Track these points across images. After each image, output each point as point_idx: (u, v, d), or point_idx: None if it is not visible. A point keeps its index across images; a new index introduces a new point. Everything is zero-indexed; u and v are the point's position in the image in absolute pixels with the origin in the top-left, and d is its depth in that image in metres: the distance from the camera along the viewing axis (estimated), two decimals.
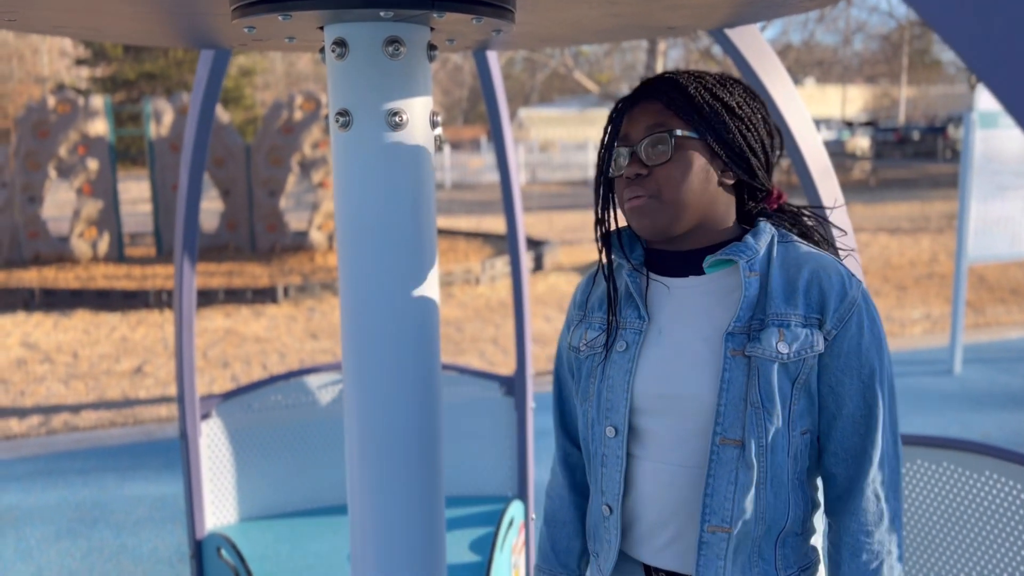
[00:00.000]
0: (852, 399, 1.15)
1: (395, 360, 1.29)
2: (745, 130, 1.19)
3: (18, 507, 4.17)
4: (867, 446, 1.16)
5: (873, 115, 45.92)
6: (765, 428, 1.13)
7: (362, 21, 1.19)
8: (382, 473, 1.32)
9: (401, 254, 1.27)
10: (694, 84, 1.18)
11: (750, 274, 1.16)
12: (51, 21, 1.37)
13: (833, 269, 1.16)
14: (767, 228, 1.20)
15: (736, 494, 1.14)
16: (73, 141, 10.76)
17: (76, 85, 33.51)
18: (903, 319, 7.96)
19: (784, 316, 1.14)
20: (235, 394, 2.63)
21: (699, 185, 1.18)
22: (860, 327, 1.15)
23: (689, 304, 1.21)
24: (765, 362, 1.12)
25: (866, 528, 1.16)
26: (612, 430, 1.22)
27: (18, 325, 8.31)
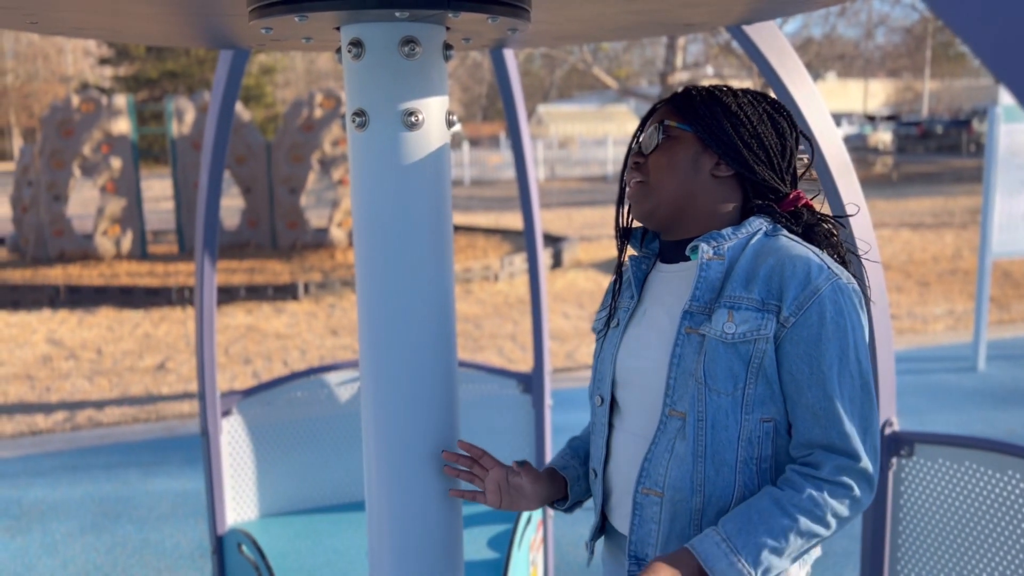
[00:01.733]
0: (810, 389, 1.15)
1: (412, 357, 1.30)
2: (737, 124, 1.24)
3: (44, 501, 4.23)
4: (821, 437, 1.15)
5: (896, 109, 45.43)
6: (705, 404, 1.17)
7: (378, 21, 1.20)
8: (400, 470, 1.32)
9: (418, 253, 1.28)
10: (700, 90, 1.29)
11: (711, 257, 1.21)
12: (72, 23, 1.38)
13: (803, 258, 1.17)
14: (756, 221, 1.24)
15: (670, 462, 1.20)
16: (97, 140, 10.87)
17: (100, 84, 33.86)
18: (926, 315, 7.88)
19: (737, 299, 1.18)
20: (255, 391, 2.66)
21: (685, 173, 1.26)
22: (821, 317, 1.14)
23: (671, 286, 1.29)
24: (712, 340, 1.17)
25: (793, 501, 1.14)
26: (599, 399, 1.34)
27: (44, 322, 8.42)
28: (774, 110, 1.28)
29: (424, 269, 1.29)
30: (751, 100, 1.27)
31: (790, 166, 1.28)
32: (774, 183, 1.26)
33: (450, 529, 1.37)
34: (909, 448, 1.98)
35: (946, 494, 1.92)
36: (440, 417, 1.34)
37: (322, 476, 2.77)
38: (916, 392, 5.56)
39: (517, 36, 1.49)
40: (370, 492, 1.36)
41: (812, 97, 1.84)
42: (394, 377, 1.31)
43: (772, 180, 1.26)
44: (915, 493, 1.98)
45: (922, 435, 1.97)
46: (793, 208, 1.28)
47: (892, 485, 2.01)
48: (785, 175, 1.28)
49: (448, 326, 1.34)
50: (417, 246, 1.28)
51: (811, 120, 1.84)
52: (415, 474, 1.33)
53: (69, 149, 10.69)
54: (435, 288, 1.31)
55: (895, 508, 2.02)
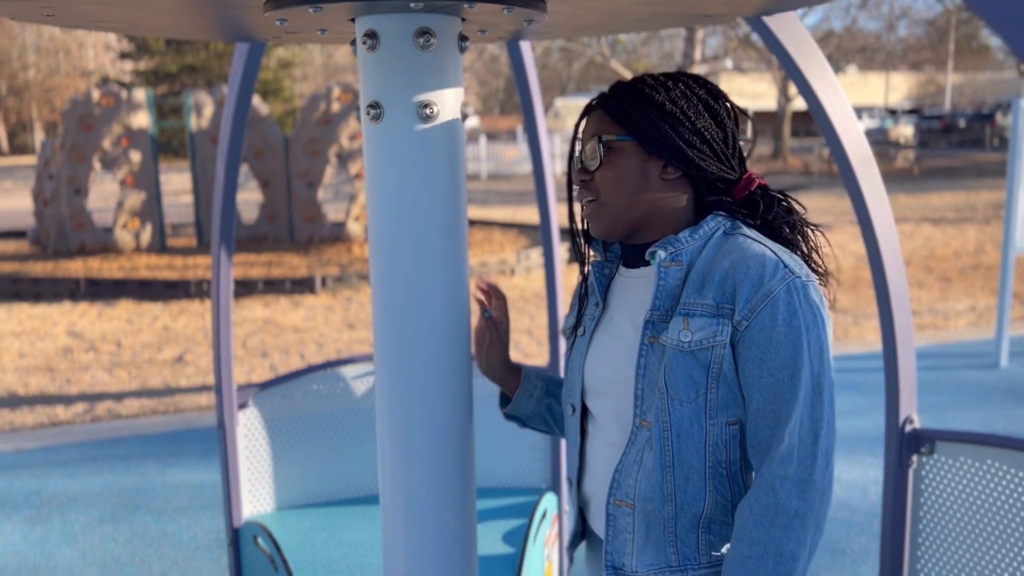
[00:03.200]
0: (760, 391, 1.15)
1: (427, 351, 1.29)
2: (676, 124, 1.22)
3: (64, 492, 4.27)
4: (772, 439, 1.14)
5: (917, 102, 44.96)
6: (669, 414, 1.17)
7: (393, 12, 1.19)
8: (414, 464, 1.32)
9: (433, 246, 1.27)
10: (627, 89, 1.25)
11: (669, 264, 1.20)
12: (89, 15, 1.38)
13: (756, 261, 1.15)
14: (712, 222, 1.23)
15: (639, 473, 1.21)
16: (117, 133, 10.95)
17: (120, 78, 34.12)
18: (947, 311, 7.79)
19: (692, 306, 1.17)
20: (272, 384, 2.66)
21: (634, 184, 1.23)
22: (773, 319, 1.13)
23: (634, 293, 1.28)
24: (671, 350, 1.17)
25: (755, 518, 1.13)
26: (571, 408, 1.34)
27: (64, 314, 8.50)
28: (708, 94, 1.25)
29: (439, 262, 1.28)
30: (684, 91, 1.24)
31: (735, 151, 1.26)
32: (723, 173, 1.24)
33: (464, 523, 1.37)
34: (930, 446, 1.95)
35: (967, 493, 1.90)
36: (455, 410, 1.33)
37: (337, 469, 2.77)
38: (937, 389, 5.50)
39: (533, 27, 1.48)
40: (385, 486, 1.36)
41: (833, 90, 1.81)
42: (409, 371, 1.30)
43: (721, 171, 1.24)
44: (936, 491, 1.96)
45: (943, 433, 1.94)
46: (746, 193, 1.26)
47: (912, 483, 1.99)
48: (732, 161, 1.26)
49: (463, 320, 1.33)
50: (432, 238, 1.27)
51: (832, 114, 1.82)
52: (430, 468, 1.32)
53: (89, 143, 10.78)
54: (450, 281, 1.30)
55: (915, 506, 1.99)
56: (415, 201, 1.25)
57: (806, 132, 38.76)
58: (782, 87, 26.34)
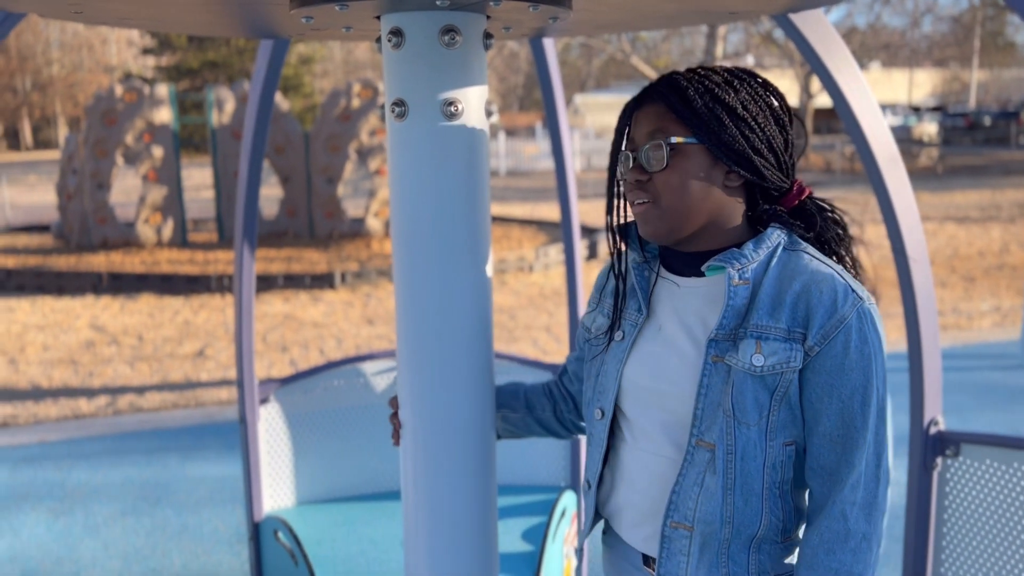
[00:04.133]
0: (830, 418, 1.14)
1: (449, 348, 1.29)
2: (748, 131, 1.17)
3: (87, 484, 4.32)
4: (841, 466, 1.15)
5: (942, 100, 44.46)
6: (735, 436, 1.15)
7: (419, 10, 1.19)
8: (435, 460, 1.32)
9: (455, 243, 1.27)
10: (695, 86, 1.17)
11: (738, 282, 1.17)
12: (116, 12, 1.39)
13: (828, 284, 1.14)
14: (774, 234, 1.20)
15: (700, 496, 1.18)
16: (139, 129, 11.04)
17: (143, 74, 34.38)
18: (971, 311, 7.71)
19: (764, 329, 1.14)
20: (292, 380, 2.68)
21: (699, 191, 1.18)
22: (846, 346, 1.13)
23: (687, 304, 1.23)
24: (740, 372, 1.14)
25: (827, 545, 1.14)
26: (599, 412, 1.30)
27: (87, 308, 8.59)
28: (773, 96, 1.21)
29: (462, 259, 1.28)
30: (752, 93, 1.19)
31: (790, 157, 1.23)
32: (781, 183, 1.22)
33: (485, 521, 1.37)
34: (955, 448, 1.93)
35: (993, 496, 1.87)
36: (476, 407, 1.33)
37: (358, 465, 2.78)
38: (961, 390, 5.44)
39: (558, 24, 1.47)
40: (406, 482, 1.36)
41: (860, 88, 1.79)
42: (431, 367, 1.30)
43: (779, 180, 1.21)
44: (960, 494, 1.93)
45: (968, 435, 1.92)
46: (797, 203, 1.24)
47: (937, 486, 1.97)
48: (788, 168, 1.23)
49: (485, 317, 1.33)
50: (455, 236, 1.27)
51: (858, 111, 1.80)
52: (451, 465, 1.33)
53: (112, 138, 10.88)
54: (472, 278, 1.30)
55: (939, 509, 1.97)
56: (439, 198, 1.25)
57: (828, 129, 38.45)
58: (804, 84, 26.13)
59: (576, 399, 1.48)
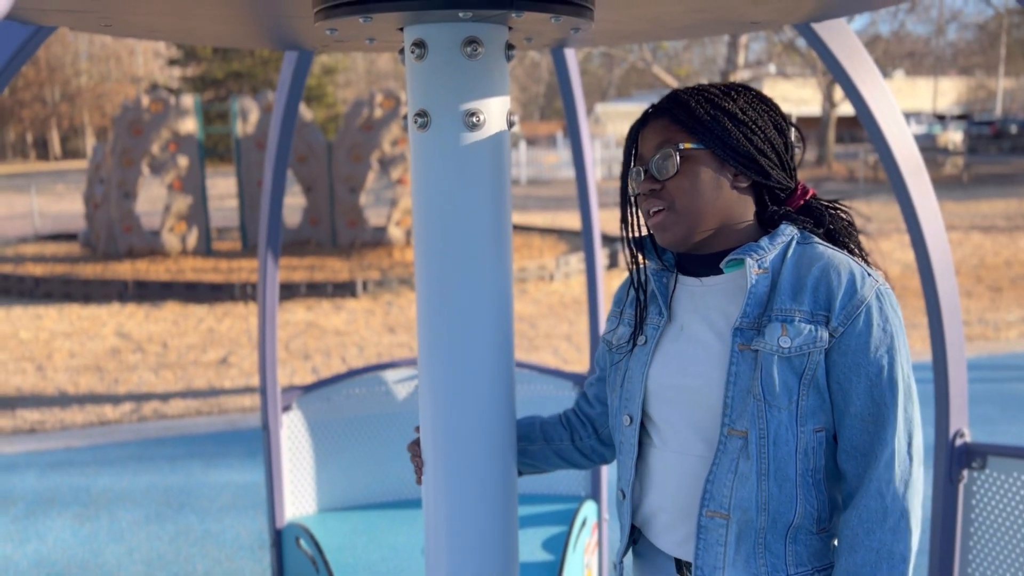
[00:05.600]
0: (859, 397, 1.17)
1: (470, 356, 1.30)
2: (750, 133, 1.22)
3: (111, 490, 4.36)
4: (875, 444, 1.17)
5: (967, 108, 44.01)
6: (766, 419, 1.17)
7: (441, 22, 1.20)
8: (456, 469, 1.32)
9: (477, 253, 1.28)
10: (696, 98, 1.24)
11: (758, 271, 1.20)
12: (145, 25, 1.42)
13: (845, 267, 1.19)
14: (787, 230, 1.24)
15: (735, 483, 1.19)
16: (165, 139, 11.19)
17: (168, 85, 34.82)
18: (997, 322, 7.61)
19: (788, 312, 1.17)
20: (315, 387, 2.69)
21: (711, 192, 1.23)
22: (868, 325, 1.16)
23: (708, 302, 1.26)
24: (767, 355, 1.16)
25: (866, 526, 1.16)
26: (628, 419, 1.31)
27: (113, 315, 8.69)
28: (768, 106, 1.27)
29: (483, 268, 1.29)
30: (749, 101, 1.25)
31: (792, 159, 1.28)
32: (786, 182, 1.27)
33: (506, 529, 1.37)
34: (981, 460, 1.91)
35: (1021, 509, 1.85)
36: (497, 417, 1.33)
37: (379, 472, 2.79)
38: (988, 401, 5.37)
39: (579, 35, 1.48)
40: (427, 490, 1.37)
41: (883, 97, 1.79)
42: (453, 376, 1.31)
43: (784, 180, 1.26)
44: (987, 507, 1.91)
45: (995, 447, 1.89)
46: (803, 202, 1.29)
47: (963, 498, 1.94)
48: (792, 172, 1.28)
49: (507, 326, 1.33)
50: (477, 245, 1.28)
51: (882, 120, 1.79)
52: (472, 473, 1.33)
53: (139, 148, 11.02)
54: (494, 287, 1.30)
55: (965, 522, 1.95)
56: (461, 208, 1.26)
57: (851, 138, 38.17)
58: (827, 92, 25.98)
59: (596, 423, 1.49)
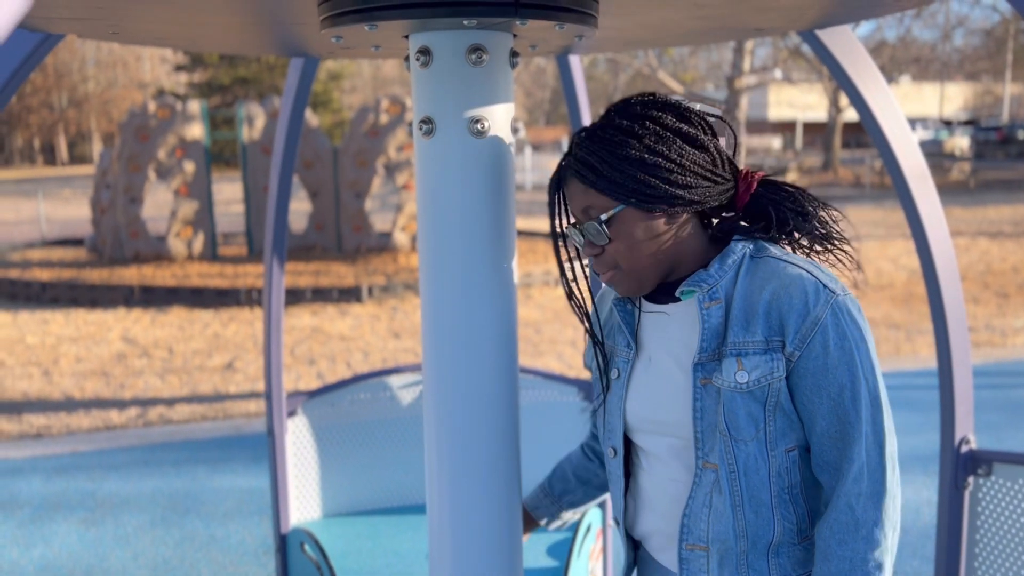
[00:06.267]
0: (823, 417, 1.16)
1: (474, 361, 1.30)
2: (666, 173, 1.14)
3: (117, 495, 4.37)
4: (842, 460, 1.16)
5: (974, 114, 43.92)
6: (734, 454, 1.16)
7: (446, 30, 1.20)
8: (461, 474, 1.33)
9: (481, 259, 1.28)
10: (598, 153, 1.15)
11: (709, 304, 1.18)
12: (152, 33, 1.43)
13: (797, 287, 1.14)
14: (737, 248, 1.20)
15: (710, 517, 1.20)
16: (171, 144, 11.23)
17: (175, 90, 34.95)
18: (1005, 328, 7.58)
19: (742, 345, 1.15)
20: (320, 393, 2.70)
21: (650, 245, 1.18)
22: (825, 346, 1.13)
23: (670, 332, 1.24)
24: (727, 392, 1.15)
25: (838, 536, 1.16)
26: (612, 451, 1.32)
27: (119, 320, 8.72)
28: (677, 118, 1.16)
29: (488, 274, 1.29)
30: (654, 128, 1.15)
31: (725, 163, 1.20)
32: (723, 195, 1.19)
33: (510, 535, 1.37)
34: (987, 467, 1.90)
35: None
36: (502, 422, 1.34)
37: (384, 478, 2.79)
38: (994, 408, 5.35)
39: (584, 42, 1.49)
40: (431, 495, 1.37)
41: (888, 103, 1.79)
42: (457, 382, 1.31)
43: (720, 194, 1.19)
44: (993, 515, 1.90)
45: (1001, 454, 1.89)
46: (749, 198, 1.21)
47: (968, 506, 1.94)
48: (726, 175, 1.19)
49: (511, 332, 1.34)
50: (481, 252, 1.28)
51: (886, 126, 1.79)
52: (476, 479, 1.33)
53: (145, 153, 11.07)
54: (498, 293, 1.31)
55: (971, 530, 1.94)
56: (465, 214, 1.27)
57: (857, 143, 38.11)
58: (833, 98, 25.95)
59: None
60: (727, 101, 20.08)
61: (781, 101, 40.10)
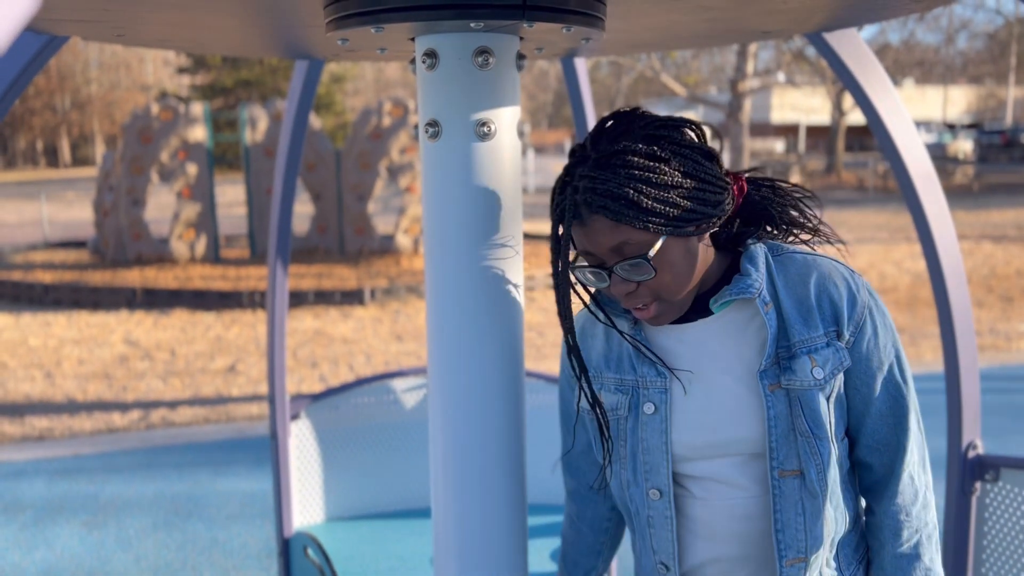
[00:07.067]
0: (879, 396, 1.19)
1: (479, 365, 1.30)
2: (700, 192, 1.10)
3: (119, 497, 4.37)
4: (899, 435, 1.20)
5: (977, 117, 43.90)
6: (820, 453, 1.16)
7: (453, 32, 1.20)
8: (465, 478, 1.32)
9: (487, 263, 1.27)
10: (630, 184, 1.07)
11: (766, 307, 1.16)
12: (157, 36, 1.42)
13: (837, 275, 1.18)
14: (759, 250, 1.19)
15: (807, 523, 1.18)
16: (174, 146, 11.24)
17: (178, 93, 35.02)
18: (1009, 332, 7.56)
19: (809, 341, 1.16)
20: (323, 396, 2.69)
21: (690, 267, 1.14)
22: (874, 327, 1.18)
23: (709, 348, 1.19)
24: (805, 391, 1.15)
25: (905, 508, 1.20)
26: (656, 493, 1.22)
27: (121, 323, 8.72)
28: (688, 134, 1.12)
29: (494, 277, 1.28)
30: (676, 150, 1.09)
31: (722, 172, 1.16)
32: (732, 201, 1.16)
33: (515, 540, 1.36)
34: (994, 472, 1.89)
35: None
36: (507, 425, 1.33)
37: (387, 482, 2.79)
38: (1000, 412, 5.33)
39: (590, 45, 1.48)
40: (436, 499, 1.36)
41: (895, 107, 1.78)
42: (462, 386, 1.30)
43: (727, 203, 1.14)
44: (1000, 520, 1.89)
45: (1008, 459, 1.88)
46: (741, 200, 1.20)
47: (975, 511, 1.93)
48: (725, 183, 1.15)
49: (516, 336, 1.33)
50: (487, 254, 1.27)
51: (892, 129, 1.78)
52: (481, 483, 1.32)
53: (148, 155, 11.08)
54: (503, 295, 1.30)
55: (978, 535, 1.93)
56: (471, 217, 1.26)
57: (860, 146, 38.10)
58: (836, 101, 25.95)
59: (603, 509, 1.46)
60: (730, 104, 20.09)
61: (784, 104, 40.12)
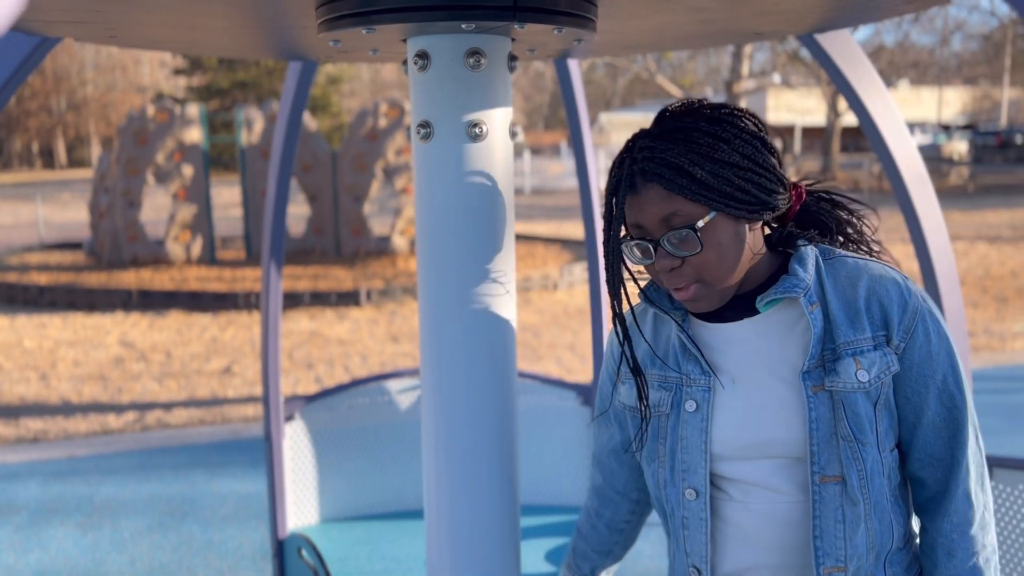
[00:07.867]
0: (931, 407, 1.15)
1: (472, 366, 1.30)
2: (756, 176, 1.11)
3: (114, 499, 4.36)
4: (954, 449, 1.15)
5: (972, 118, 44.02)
6: (862, 459, 1.12)
7: (444, 33, 1.20)
8: (458, 479, 1.32)
9: (480, 263, 1.28)
10: (688, 156, 1.08)
11: (812, 307, 1.14)
12: (149, 36, 1.42)
13: (889, 279, 1.15)
14: (810, 252, 1.17)
15: (846, 531, 1.14)
16: (170, 148, 11.22)
17: (174, 94, 34.98)
18: (1003, 332, 7.58)
19: (855, 343, 1.13)
20: (318, 397, 2.69)
21: (735, 253, 1.13)
22: (927, 334, 1.14)
23: (754, 347, 1.17)
24: (848, 394, 1.12)
25: (960, 528, 1.16)
26: (692, 493, 1.20)
27: (117, 324, 8.71)
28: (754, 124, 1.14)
29: (486, 278, 1.29)
30: (738, 132, 1.11)
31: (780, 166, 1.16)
32: (789, 201, 1.18)
33: (508, 540, 1.36)
34: (987, 472, 1.89)
35: None
36: (500, 426, 1.33)
37: (382, 483, 2.79)
38: (994, 412, 5.34)
39: (583, 46, 1.48)
40: (429, 500, 1.36)
41: (887, 108, 1.79)
42: (455, 387, 1.30)
43: (781, 196, 1.15)
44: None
45: (1001, 459, 1.88)
46: (798, 206, 1.21)
47: None
48: (782, 177, 1.16)
49: (509, 337, 1.33)
50: (480, 255, 1.27)
51: (885, 131, 1.79)
52: (474, 483, 1.32)
53: (144, 157, 11.06)
54: (496, 296, 1.30)
55: None
56: (463, 218, 1.26)
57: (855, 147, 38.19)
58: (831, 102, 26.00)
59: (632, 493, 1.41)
60: None
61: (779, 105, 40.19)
